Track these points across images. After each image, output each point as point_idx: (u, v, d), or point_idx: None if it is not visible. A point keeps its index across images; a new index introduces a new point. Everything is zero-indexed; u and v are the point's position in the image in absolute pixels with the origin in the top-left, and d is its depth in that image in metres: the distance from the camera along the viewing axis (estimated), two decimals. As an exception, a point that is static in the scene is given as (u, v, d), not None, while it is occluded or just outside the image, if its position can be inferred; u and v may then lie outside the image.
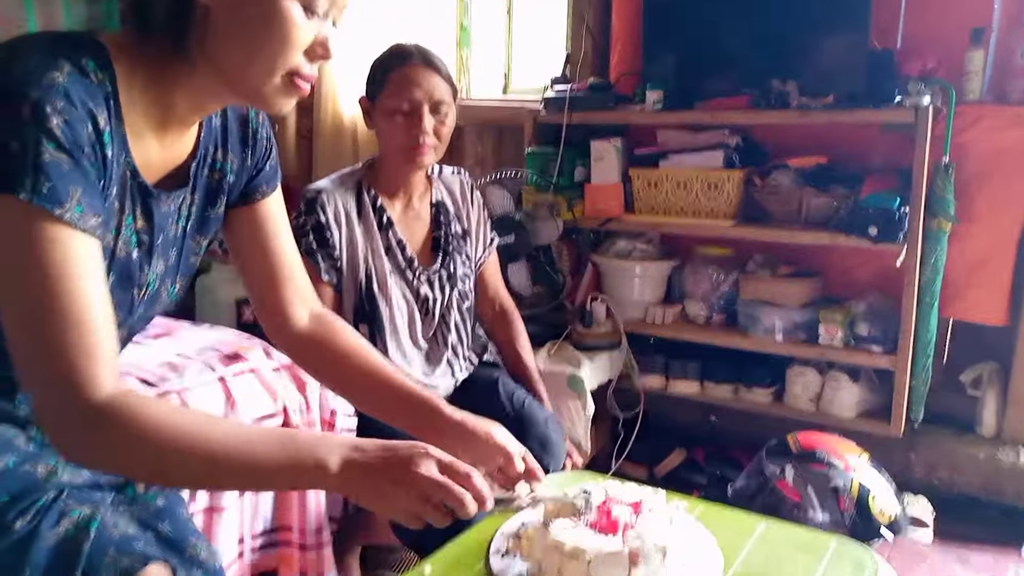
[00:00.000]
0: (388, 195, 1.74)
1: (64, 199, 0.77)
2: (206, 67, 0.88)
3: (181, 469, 0.82)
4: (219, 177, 1.03)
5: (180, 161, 0.97)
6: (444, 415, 1.09)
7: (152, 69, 0.88)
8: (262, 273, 1.11)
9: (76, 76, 0.79)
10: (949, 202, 2.08)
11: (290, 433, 0.98)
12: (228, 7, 0.84)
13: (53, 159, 0.76)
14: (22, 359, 0.79)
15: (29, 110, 0.75)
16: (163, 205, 0.95)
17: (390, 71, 1.65)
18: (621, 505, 1.01)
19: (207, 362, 1.63)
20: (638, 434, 2.40)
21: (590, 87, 2.49)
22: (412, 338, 1.75)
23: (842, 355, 2.21)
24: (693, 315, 2.46)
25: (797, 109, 2.17)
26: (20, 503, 0.86)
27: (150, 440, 0.80)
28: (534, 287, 2.44)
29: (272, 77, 0.87)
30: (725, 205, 2.31)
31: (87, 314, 0.78)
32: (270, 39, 0.85)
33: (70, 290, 0.77)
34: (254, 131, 1.06)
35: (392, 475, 0.85)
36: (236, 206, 1.08)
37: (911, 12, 2.24)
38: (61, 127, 0.77)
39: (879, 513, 1.83)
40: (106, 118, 0.82)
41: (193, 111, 0.94)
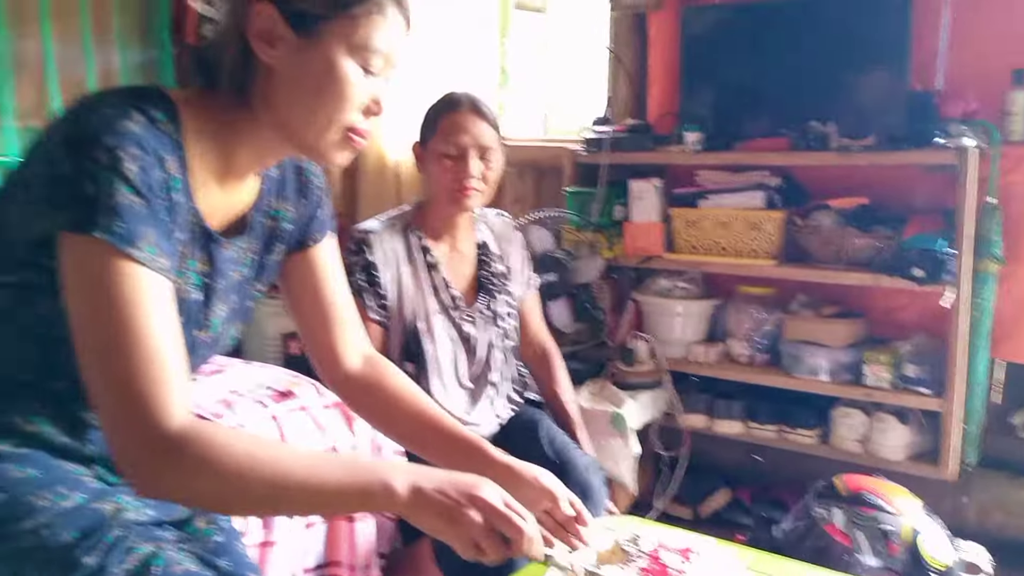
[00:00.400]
0: (434, 236, 1.78)
1: (137, 239, 0.81)
2: (267, 121, 0.93)
3: (253, 495, 0.84)
4: (277, 225, 1.07)
5: (241, 209, 1.02)
6: (491, 458, 1.11)
7: (217, 122, 0.93)
8: (315, 317, 1.15)
9: (147, 125, 0.84)
10: (995, 243, 2.07)
11: (357, 458, 1.00)
12: (290, 66, 0.90)
13: (128, 202, 0.80)
14: (98, 391, 0.82)
15: (106, 156, 0.80)
16: (225, 251, 0.99)
17: (441, 117, 1.70)
18: (671, 552, 1.01)
19: (260, 399, 1.66)
20: (681, 473, 2.38)
21: (629, 128, 2.53)
22: (456, 376, 1.77)
23: (889, 396, 2.19)
24: (736, 354, 2.46)
25: (837, 151, 2.18)
26: (89, 540, 0.88)
27: (222, 467, 0.82)
28: (575, 325, 2.46)
29: (330, 133, 0.93)
30: (767, 245, 2.31)
31: (159, 347, 0.81)
32: (329, 97, 0.90)
33: (143, 324, 0.81)
34: (309, 180, 1.11)
35: (457, 500, 0.87)
36: (291, 252, 1.12)
37: (951, 53, 2.25)
38: (135, 172, 0.81)
39: (932, 559, 1.80)
40: (175, 166, 0.87)
41: (254, 162, 0.99)
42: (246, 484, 0.83)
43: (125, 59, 3.00)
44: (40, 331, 0.90)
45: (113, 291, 0.80)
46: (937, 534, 1.84)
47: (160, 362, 0.81)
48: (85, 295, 0.81)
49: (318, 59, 0.90)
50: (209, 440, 0.82)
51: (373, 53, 0.92)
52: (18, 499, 0.87)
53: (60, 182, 0.80)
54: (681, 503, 2.43)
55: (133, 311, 0.80)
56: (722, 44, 2.47)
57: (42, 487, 0.88)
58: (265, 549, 1.52)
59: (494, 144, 1.72)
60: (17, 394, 0.92)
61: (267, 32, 0.89)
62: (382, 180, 3.10)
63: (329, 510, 1.16)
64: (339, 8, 0.89)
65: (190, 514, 1.04)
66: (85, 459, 0.96)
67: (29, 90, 2.75)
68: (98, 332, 0.81)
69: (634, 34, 2.71)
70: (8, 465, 0.88)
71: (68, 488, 0.90)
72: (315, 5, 0.89)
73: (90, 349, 0.82)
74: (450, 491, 0.87)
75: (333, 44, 0.90)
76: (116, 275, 0.80)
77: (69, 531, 0.87)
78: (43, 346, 0.91)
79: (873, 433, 2.23)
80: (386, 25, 0.92)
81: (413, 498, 0.86)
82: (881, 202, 2.30)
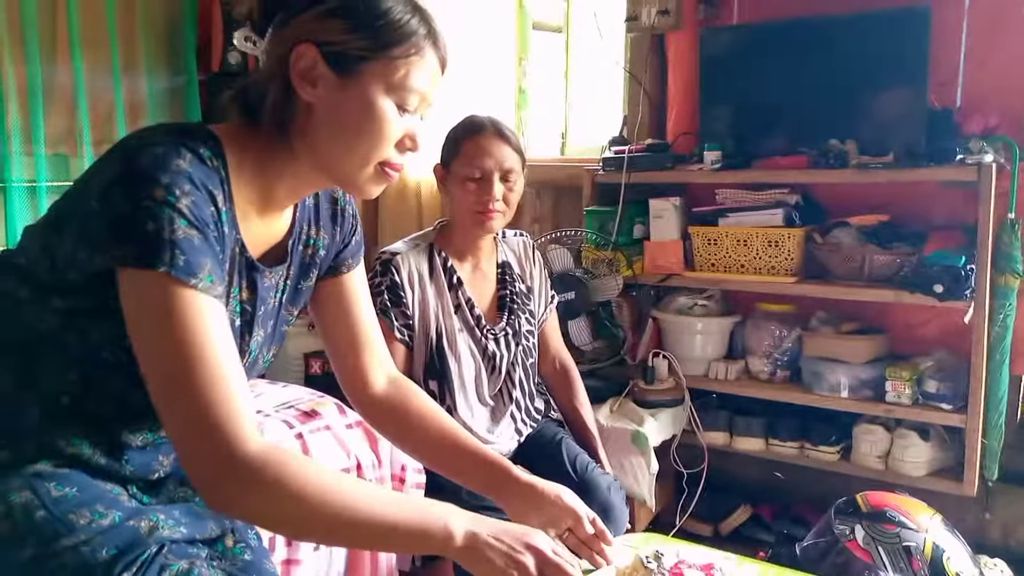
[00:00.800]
0: (458, 257, 1.81)
1: (197, 271, 0.85)
2: (306, 156, 0.97)
3: (322, 521, 0.88)
4: (312, 252, 1.11)
5: (278, 239, 1.06)
6: (515, 477, 1.14)
7: (258, 157, 0.97)
8: (345, 340, 1.19)
9: (197, 162, 0.88)
10: (1017, 259, 2.07)
11: (420, 499, 1.04)
12: (330, 104, 0.94)
13: (186, 235, 0.84)
14: (171, 419, 0.85)
15: (162, 192, 0.84)
16: (266, 279, 1.03)
17: (464, 141, 1.73)
18: (693, 569, 1.03)
19: (285, 419, 1.70)
20: (702, 491, 2.39)
21: (648, 147, 2.55)
22: (478, 394, 1.79)
23: (911, 413, 2.18)
24: (756, 371, 2.46)
25: (856, 168, 2.19)
26: (126, 557, 0.91)
27: (298, 494, 0.85)
28: (595, 343, 2.47)
29: (366, 167, 0.97)
30: (786, 262, 2.32)
31: (227, 373, 0.85)
32: (367, 134, 0.95)
33: (211, 352, 0.85)
34: (342, 209, 1.16)
35: (511, 547, 0.91)
36: (324, 278, 1.16)
37: (970, 70, 2.26)
38: (190, 207, 0.85)
39: (955, 575, 1.79)
40: (222, 200, 0.91)
41: (291, 194, 1.03)
42: (317, 511, 0.86)
43: (152, 87, 3.07)
44: (85, 356, 0.94)
45: (180, 322, 0.84)
46: (959, 550, 1.83)
47: (229, 387, 0.85)
48: (153, 327, 0.85)
49: (357, 98, 0.94)
50: (285, 465, 0.85)
51: (410, 93, 0.96)
52: (58, 517, 0.90)
53: (120, 220, 0.84)
54: (702, 520, 2.43)
55: (201, 339, 0.84)
56: (740, 63, 2.49)
57: (81, 505, 0.92)
58: (289, 567, 1.55)
59: (516, 167, 1.75)
60: (58, 415, 0.95)
61: (309, 72, 0.93)
62: (403, 203, 3.15)
63: (388, 545, 1.20)
64: (379, 50, 0.93)
65: (221, 532, 1.07)
66: (122, 479, 1.00)
67: (60, 118, 2.83)
68: (168, 361, 0.85)
69: (653, 54, 2.74)
70: (48, 484, 0.92)
71: (105, 507, 0.94)
72: (356, 47, 0.93)
73: (160, 379, 0.85)
74: (505, 538, 0.91)
75: (372, 84, 0.94)
76: (181, 306, 0.84)
77: (107, 548, 0.91)
78: (86, 370, 0.94)
79: (895, 449, 2.22)
80: (424, 66, 0.97)
81: (470, 542, 0.90)
82: (901, 219, 2.31)
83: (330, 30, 0.93)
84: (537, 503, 1.11)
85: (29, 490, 0.91)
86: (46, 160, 2.76)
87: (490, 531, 0.91)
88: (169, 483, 1.06)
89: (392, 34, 0.94)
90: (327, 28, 0.93)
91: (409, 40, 0.95)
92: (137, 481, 1.01)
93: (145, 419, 0.99)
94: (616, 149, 2.58)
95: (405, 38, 0.94)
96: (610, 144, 2.65)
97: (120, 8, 2.95)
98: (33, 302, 0.95)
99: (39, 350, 0.95)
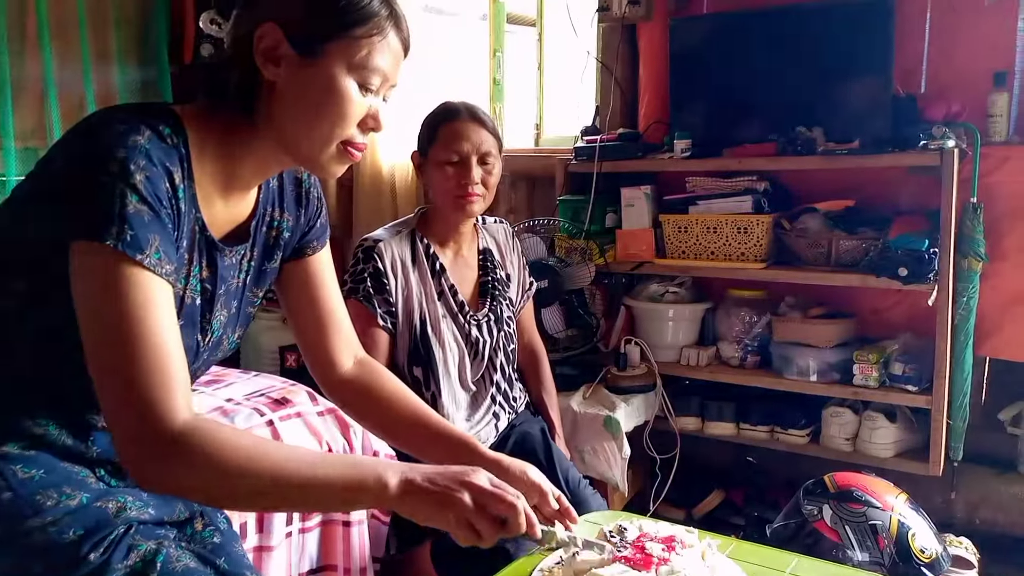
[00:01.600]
0: (439, 243, 1.82)
1: (144, 246, 0.85)
2: (269, 135, 0.98)
3: (252, 489, 0.88)
4: (276, 234, 1.12)
5: (242, 219, 1.06)
6: (480, 453, 1.15)
7: (221, 136, 0.98)
8: (312, 323, 1.20)
9: (155, 139, 0.89)
10: (979, 242, 2.11)
11: (350, 455, 1.04)
12: (292, 83, 0.95)
13: (136, 210, 0.85)
14: (104, 390, 0.86)
15: (117, 167, 0.84)
16: (226, 258, 1.04)
17: (440, 126, 1.74)
18: (655, 542, 1.04)
19: (256, 407, 1.70)
20: (675, 476, 2.42)
21: (619, 137, 2.57)
22: (461, 380, 1.81)
23: (877, 395, 2.22)
24: (727, 357, 2.49)
25: (823, 155, 2.22)
26: (93, 537, 0.92)
27: (224, 462, 0.85)
28: (568, 330, 2.49)
29: (328, 146, 0.98)
30: (755, 248, 2.35)
31: (163, 348, 0.86)
32: (328, 113, 0.96)
33: (149, 327, 0.85)
34: (307, 191, 1.16)
35: (447, 486, 0.91)
36: (289, 260, 1.17)
37: (933, 58, 2.30)
38: (143, 182, 0.86)
39: (920, 552, 1.82)
40: (180, 177, 0.92)
41: (255, 174, 1.03)
42: (246, 479, 0.86)
43: (124, 78, 3.05)
44: (49, 336, 0.94)
45: (121, 295, 0.84)
46: (924, 528, 1.87)
47: (164, 362, 0.85)
48: (94, 299, 0.85)
49: (319, 77, 0.95)
50: (211, 436, 0.86)
51: (372, 72, 0.97)
52: (25, 498, 0.91)
53: (74, 193, 0.85)
54: (675, 505, 2.46)
55: (139, 313, 0.85)
56: (710, 53, 2.52)
57: (48, 487, 0.92)
58: (261, 554, 1.56)
59: (494, 150, 1.77)
60: (26, 396, 0.96)
61: (272, 51, 0.94)
62: (378, 192, 3.15)
63: (325, 505, 1.19)
64: (341, 29, 0.94)
65: (189, 515, 1.08)
66: (89, 462, 1.00)
67: (30, 111, 2.80)
68: (106, 333, 0.85)
69: (624, 45, 2.75)
70: (15, 466, 0.92)
71: (72, 488, 0.94)
72: (318, 26, 0.94)
73: (97, 350, 0.86)
74: (439, 479, 0.91)
75: (334, 63, 0.95)
76: (125, 280, 0.85)
77: (75, 529, 0.91)
78: (52, 351, 0.94)
79: (863, 431, 2.26)
80: (385, 46, 0.98)
81: (404, 488, 0.90)
82: (867, 204, 2.35)
83: (293, 10, 0.94)
84: (503, 479, 1.12)
85: None
86: (16, 154, 2.73)
87: (424, 475, 0.91)
88: None
89: (354, 14, 0.95)
90: (290, 8, 0.94)
91: (371, 20, 0.96)
92: (104, 464, 1.01)
93: None
94: (588, 139, 2.60)
95: (367, 18, 0.95)
96: (583, 134, 2.67)
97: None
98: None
99: (7, 330, 0.95)
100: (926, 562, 1.82)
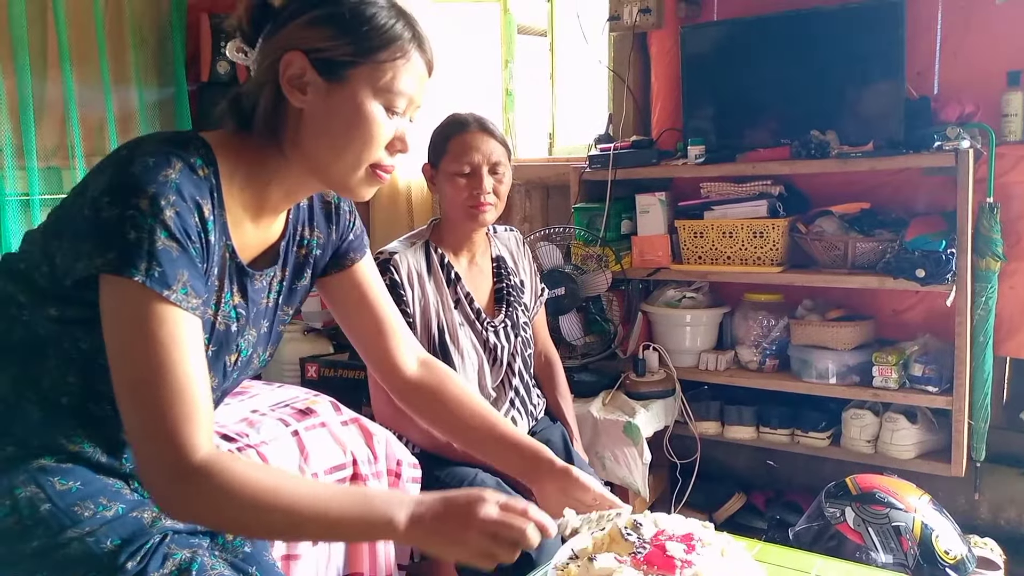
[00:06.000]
0: (453, 252, 1.84)
1: (172, 282, 0.87)
2: (298, 161, 1.00)
3: (265, 522, 0.90)
4: (306, 253, 1.14)
5: (272, 241, 1.09)
6: (551, 462, 1.18)
7: (250, 163, 1.00)
8: (368, 329, 1.22)
9: (186, 172, 0.91)
10: (996, 241, 2.11)
11: (363, 491, 1.06)
12: (320, 110, 0.97)
13: (165, 247, 0.87)
14: (130, 423, 0.88)
15: (147, 203, 0.86)
16: (256, 282, 1.06)
17: (450, 138, 1.77)
18: (674, 540, 1.03)
19: (281, 417, 1.72)
20: (696, 480, 2.42)
21: (633, 144, 2.59)
22: (481, 386, 1.83)
23: (898, 396, 2.22)
24: (746, 361, 2.49)
25: (837, 158, 2.23)
26: (130, 546, 0.95)
27: (238, 497, 0.87)
28: (586, 337, 2.51)
29: (358, 170, 1.00)
30: (771, 252, 2.36)
31: (188, 384, 0.88)
32: (356, 137, 0.97)
33: (174, 362, 0.87)
34: (336, 207, 1.18)
35: (454, 523, 0.92)
36: (332, 273, 1.19)
37: (945, 59, 2.30)
38: (173, 218, 0.88)
39: (944, 553, 1.82)
40: (210, 208, 0.94)
41: (285, 199, 1.06)
42: (263, 513, 0.89)
43: (142, 98, 3.09)
44: (82, 360, 0.97)
45: (148, 331, 0.86)
46: (947, 529, 1.87)
47: (188, 398, 0.87)
48: (122, 333, 0.88)
49: (346, 102, 0.97)
50: (230, 471, 0.88)
51: (398, 95, 0.99)
52: (63, 510, 0.94)
53: (104, 227, 0.87)
54: (696, 509, 2.46)
55: (165, 350, 0.87)
56: (721, 59, 2.53)
57: (85, 498, 0.95)
58: (289, 562, 1.58)
59: (503, 159, 1.79)
60: (60, 416, 0.98)
61: (298, 79, 0.96)
62: (394, 205, 3.18)
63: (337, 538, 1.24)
64: (366, 55, 0.96)
65: None
66: (122, 476, 1.03)
67: (52, 131, 2.85)
68: (132, 368, 0.87)
69: (635, 52, 2.78)
70: (52, 478, 0.95)
71: (108, 499, 0.97)
72: (343, 52, 0.96)
73: (125, 383, 0.88)
74: (447, 517, 0.92)
75: (360, 88, 0.97)
76: (151, 316, 0.87)
77: (112, 538, 0.94)
78: (84, 373, 0.97)
79: (883, 433, 2.26)
80: (410, 69, 0.99)
81: (413, 531, 0.91)
82: (883, 206, 2.35)
83: (317, 37, 0.96)
84: (571, 488, 1.15)
85: (34, 484, 0.94)
86: (39, 173, 2.77)
87: (432, 511, 0.92)
88: None
89: (378, 39, 0.96)
90: (314, 36, 0.96)
91: (395, 44, 0.97)
92: (138, 478, 1.04)
93: None
94: (602, 147, 2.62)
95: (391, 42, 0.97)
96: (596, 142, 2.69)
97: (109, 20, 2.97)
98: (31, 307, 0.98)
99: (40, 352, 0.98)
100: (951, 563, 1.82)
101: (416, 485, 1.78)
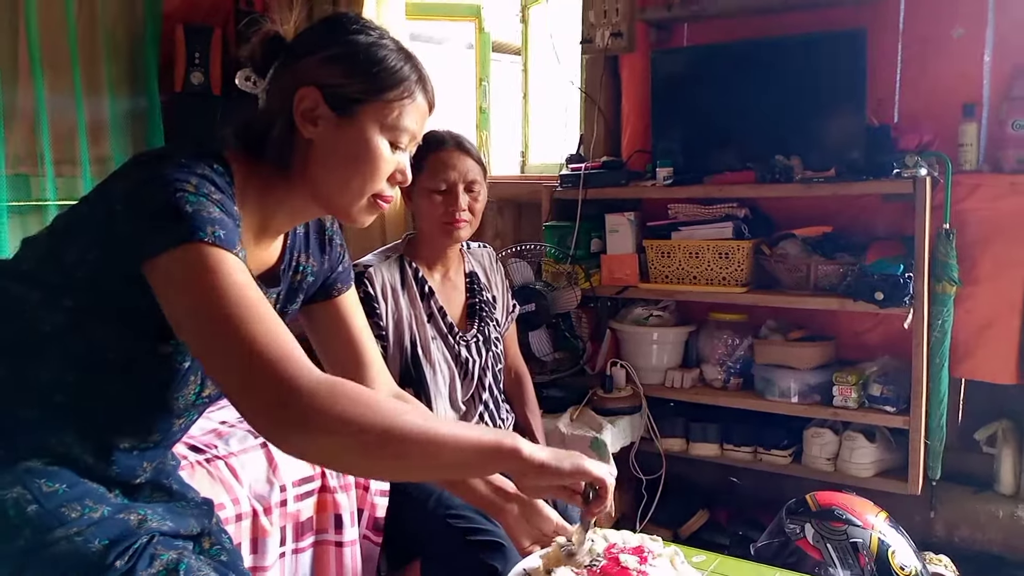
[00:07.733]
0: (427, 267, 1.87)
1: (233, 246, 0.91)
2: (304, 187, 1.05)
3: (397, 443, 0.87)
4: (300, 278, 1.18)
5: (270, 264, 1.12)
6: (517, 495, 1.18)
7: (260, 186, 1.05)
8: (343, 361, 1.24)
9: (214, 176, 0.95)
10: (952, 266, 2.18)
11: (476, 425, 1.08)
12: (329, 141, 1.03)
13: (220, 217, 0.91)
14: (227, 369, 0.87)
15: (193, 186, 0.90)
16: None
17: (427, 156, 1.79)
18: (626, 553, 1.06)
19: (250, 430, 1.73)
20: (661, 496, 2.45)
21: (603, 165, 2.64)
22: (452, 400, 1.84)
23: (857, 416, 2.28)
24: (710, 379, 2.54)
25: (801, 183, 2.29)
26: (118, 546, 0.96)
27: (372, 412, 0.86)
28: (555, 353, 2.54)
29: (361, 199, 1.05)
30: (736, 273, 2.41)
31: (277, 320, 0.89)
32: (362, 169, 1.03)
33: (259, 302, 0.89)
34: (330, 238, 1.23)
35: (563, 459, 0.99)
36: (318, 301, 1.22)
37: (905, 90, 2.39)
38: (221, 201, 0.93)
39: (899, 569, 1.87)
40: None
41: (287, 222, 1.11)
42: (392, 432, 0.86)
43: (114, 108, 3.08)
44: (85, 356, 0.98)
45: (228, 277, 0.88)
46: (903, 545, 1.92)
47: (283, 329, 0.88)
48: (201, 293, 0.88)
49: (354, 136, 1.02)
50: (353, 390, 0.87)
51: (402, 132, 1.05)
52: (50, 511, 0.95)
53: (156, 211, 0.89)
54: (662, 525, 2.49)
55: (249, 292, 0.89)
56: (690, 84, 2.60)
57: (71, 500, 0.96)
58: (256, 574, 1.58)
59: (479, 177, 1.82)
60: (52, 415, 0.99)
61: (311, 112, 1.02)
62: (367, 219, 3.19)
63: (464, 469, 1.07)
64: (376, 93, 1.02)
65: (200, 531, 1.13)
66: (107, 481, 1.04)
67: (22, 138, 2.83)
68: (222, 318, 0.87)
69: (607, 75, 2.83)
70: (39, 480, 0.96)
71: (95, 501, 0.98)
72: (355, 90, 1.02)
73: (212, 332, 0.87)
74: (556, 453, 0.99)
75: (368, 124, 1.03)
76: (227, 265, 0.89)
77: (100, 539, 0.95)
78: (83, 371, 0.99)
79: (843, 451, 2.31)
80: (414, 108, 1.06)
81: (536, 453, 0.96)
82: (844, 230, 2.42)
83: (332, 74, 1.02)
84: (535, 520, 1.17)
85: (20, 486, 0.95)
86: (6, 180, 2.75)
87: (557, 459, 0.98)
88: (146, 488, 1.11)
89: (388, 79, 1.03)
90: (329, 73, 1.02)
91: (402, 85, 1.04)
92: (120, 484, 1.05)
93: (135, 424, 1.04)
94: (573, 166, 2.67)
95: (399, 83, 1.04)
96: (567, 162, 2.74)
97: (82, 29, 2.96)
98: (44, 303, 0.99)
99: (39, 351, 0.99)
100: (906, 578, 1.87)
101: (384, 499, 1.79)
